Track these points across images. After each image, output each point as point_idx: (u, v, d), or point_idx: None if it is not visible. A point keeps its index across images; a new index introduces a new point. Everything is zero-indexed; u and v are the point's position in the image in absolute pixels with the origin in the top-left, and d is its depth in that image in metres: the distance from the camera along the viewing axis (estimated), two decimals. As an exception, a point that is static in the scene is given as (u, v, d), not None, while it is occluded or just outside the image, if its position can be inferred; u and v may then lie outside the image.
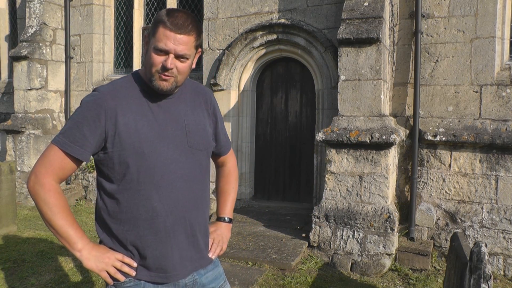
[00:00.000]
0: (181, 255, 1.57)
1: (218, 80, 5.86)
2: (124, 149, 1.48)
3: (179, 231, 1.56)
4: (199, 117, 1.65)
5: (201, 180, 1.64)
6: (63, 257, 4.37)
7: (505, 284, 4.20)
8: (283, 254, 4.31)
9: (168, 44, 1.45)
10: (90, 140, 1.47)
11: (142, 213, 1.51)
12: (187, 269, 1.60)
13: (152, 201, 1.51)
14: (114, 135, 1.47)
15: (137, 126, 1.49)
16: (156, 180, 1.51)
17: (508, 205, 4.41)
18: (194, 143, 1.59)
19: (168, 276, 1.55)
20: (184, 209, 1.56)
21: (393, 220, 4.22)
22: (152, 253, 1.53)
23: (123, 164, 1.49)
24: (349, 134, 4.37)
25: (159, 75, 1.49)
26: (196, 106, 1.67)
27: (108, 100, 1.48)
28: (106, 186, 1.53)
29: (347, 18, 4.59)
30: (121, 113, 1.49)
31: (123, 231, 1.52)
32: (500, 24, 4.56)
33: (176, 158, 1.55)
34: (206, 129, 1.67)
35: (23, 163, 6.72)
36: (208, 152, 1.68)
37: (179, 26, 1.46)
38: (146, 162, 1.49)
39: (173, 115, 1.58)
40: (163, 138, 1.53)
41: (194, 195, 1.60)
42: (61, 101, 7.28)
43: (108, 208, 1.54)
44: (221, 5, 5.95)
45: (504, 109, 4.48)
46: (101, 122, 1.46)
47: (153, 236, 1.52)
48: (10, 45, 8.16)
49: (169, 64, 1.46)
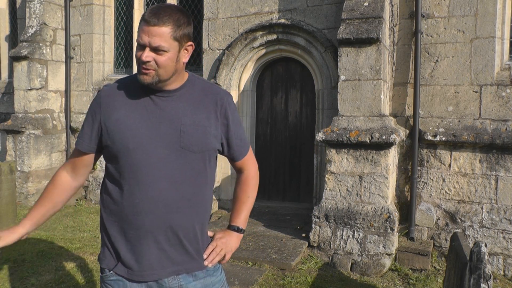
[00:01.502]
0: (160, 255, 1.55)
1: (218, 80, 5.86)
2: (113, 144, 1.54)
3: (159, 231, 1.53)
4: (200, 118, 1.58)
5: (193, 183, 1.57)
6: (63, 257, 4.37)
7: (505, 284, 4.21)
8: (283, 254, 4.31)
9: (144, 38, 1.46)
10: (88, 133, 1.60)
11: (126, 207, 1.54)
12: (166, 270, 1.56)
13: (134, 198, 1.53)
14: (107, 130, 1.55)
15: (128, 122, 1.53)
16: (139, 177, 1.52)
17: (508, 205, 4.41)
18: (187, 144, 1.54)
19: (144, 275, 1.55)
20: (165, 210, 1.53)
21: (393, 220, 4.23)
22: (131, 249, 1.55)
23: (113, 159, 1.56)
24: (349, 134, 4.37)
25: (142, 69, 1.50)
26: (200, 107, 1.60)
27: (105, 97, 1.59)
28: (105, 177, 1.63)
29: (347, 18, 4.59)
30: (115, 109, 1.55)
31: (112, 222, 1.58)
32: (500, 24, 4.56)
33: (163, 158, 1.52)
34: (207, 131, 1.58)
35: (23, 163, 6.72)
36: (204, 155, 1.59)
37: (152, 18, 1.46)
38: (130, 158, 1.52)
39: (169, 114, 1.55)
40: (153, 136, 1.52)
41: (180, 198, 1.54)
42: (61, 101, 7.28)
43: (103, 197, 1.62)
44: (221, 5, 5.95)
45: (504, 109, 4.48)
46: (97, 117, 1.57)
47: (134, 232, 1.54)
48: (10, 45, 8.16)
49: (144, 57, 1.46)
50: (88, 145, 1.61)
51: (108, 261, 1.59)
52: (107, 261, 1.59)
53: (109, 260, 1.59)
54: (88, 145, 1.61)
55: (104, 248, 1.61)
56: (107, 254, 1.60)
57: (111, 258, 1.59)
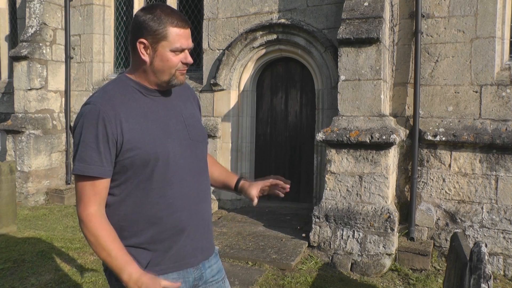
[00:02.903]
0: (193, 247, 1.61)
1: (218, 80, 5.86)
2: (138, 153, 1.47)
3: (193, 224, 1.60)
4: (192, 110, 1.71)
5: (204, 170, 1.69)
6: (63, 257, 4.37)
7: (505, 284, 4.20)
8: (283, 254, 4.31)
9: (184, 42, 1.51)
10: (106, 156, 1.44)
11: (158, 211, 1.52)
12: (197, 259, 1.63)
13: (167, 198, 1.53)
14: (122, 142, 1.46)
15: (142, 128, 1.49)
16: (169, 177, 1.53)
17: (508, 205, 4.41)
18: (194, 136, 1.63)
19: (178, 265, 1.58)
20: (195, 202, 1.61)
21: (393, 220, 4.22)
22: (165, 246, 1.54)
23: (136, 167, 1.48)
24: (349, 134, 4.37)
25: (178, 71, 1.54)
26: (186, 100, 1.72)
27: (107, 111, 1.45)
28: (116, 191, 1.51)
29: (347, 18, 4.59)
30: (124, 120, 1.47)
31: (137, 232, 1.51)
32: (500, 24, 4.56)
33: (182, 153, 1.57)
34: (200, 121, 1.74)
35: (23, 163, 6.71)
36: (205, 143, 1.72)
37: (184, 21, 1.52)
38: (160, 161, 1.51)
39: (172, 111, 1.61)
40: (169, 134, 1.55)
41: (201, 187, 1.65)
42: (61, 101, 7.28)
43: (118, 211, 1.51)
44: (221, 5, 5.95)
45: (504, 109, 4.48)
46: (108, 135, 1.44)
47: (169, 231, 1.54)
48: (10, 45, 8.16)
49: (190, 59, 1.55)
50: (110, 170, 1.47)
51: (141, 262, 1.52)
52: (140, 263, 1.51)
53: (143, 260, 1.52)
54: (110, 170, 1.47)
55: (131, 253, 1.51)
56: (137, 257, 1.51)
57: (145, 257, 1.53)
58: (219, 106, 6.02)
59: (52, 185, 7.05)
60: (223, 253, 4.33)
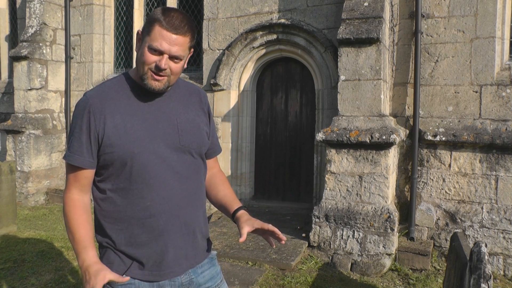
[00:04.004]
0: (175, 253, 1.57)
1: (218, 80, 5.86)
2: (115, 151, 1.49)
3: (174, 229, 1.55)
4: (192, 115, 1.65)
5: (196, 177, 1.63)
6: (63, 257, 4.37)
7: (505, 284, 4.21)
8: (283, 254, 4.31)
9: (163, 45, 1.45)
10: (87, 147, 1.50)
11: (136, 212, 1.51)
12: (182, 267, 1.59)
13: (145, 201, 1.51)
14: (103, 137, 1.48)
15: (126, 126, 1.50)
16: (147, 179, 1.51)
17: (508, 205, 4.41)
18: (186, 142, 1.58)
19: (162, 274, 1.55)
20: (178, 207, 1.56)
21: (393, 220, 4.23)
22: (146, 252, 1.53)
23: (116, 165, 1.50)
24: (349, 134, 4.37)
25: (152, 74, 1.49)
26: (189, 105, 1.66)
27: (95, 104, 1.49)
28: (101, 186, 1.55)
29: (347, 18, 4.59)
30: (109, 115, 1.49)
31: (117, 230, 1.53)
32: (500, 24, 4.56)
33: (167, 157, 1.54)
34: (200, 128, 1.65)
35: (23, 163, 6.72)
36: (201, 150, 1.65)
37: (175, 26, 1.45)
38: (137, 162, 1.49)
39: (165, 114, 1.57)
40: (154, 137, 1.53)
41: (188, 193, 1.59)
42: (61, 101, 7.29)
43: (102, 208, 1.55)
44: (221, 5, 5.95)
45: (504, 109, 4.48)
46: (91, 127, 1.48)
47: (147, 235, 1.52)
48: (10, 45, 8.16)
49: (163, 65, 1.46)
50: (90, 161, 1.51)
51: (116, 267, 1.53)
52: (116, 267, 1.52)
53: (118, 266, 1.53)
54: (90, 161, 1.51)
55: (109, 256, 1.55)
56: (115, 260, 1.54)
57: (120, 263, 1.53)
58: (219, 106, 6.02)
59: (52, 185, 7.05)
60: (223, 253, 4.33)
